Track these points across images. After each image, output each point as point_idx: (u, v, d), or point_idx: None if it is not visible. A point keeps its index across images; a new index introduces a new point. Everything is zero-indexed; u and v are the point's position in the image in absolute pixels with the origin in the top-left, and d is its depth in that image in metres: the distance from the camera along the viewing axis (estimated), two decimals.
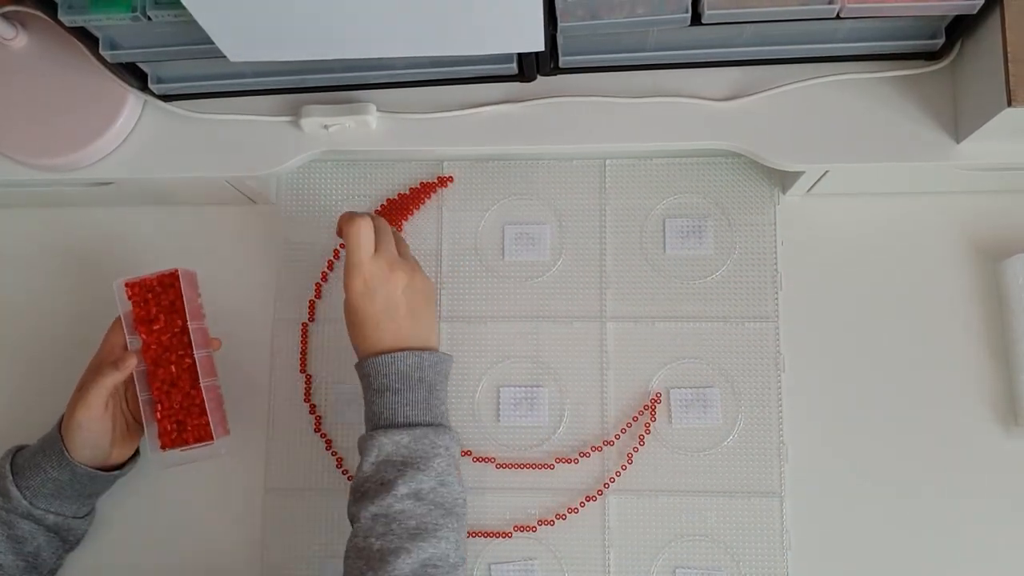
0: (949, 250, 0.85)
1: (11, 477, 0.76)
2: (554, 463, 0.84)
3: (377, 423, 0.72)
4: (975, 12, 0.67)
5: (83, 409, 0.75)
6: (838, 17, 0.67)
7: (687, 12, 0.67)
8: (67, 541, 0.80)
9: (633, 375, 0.85)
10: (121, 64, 0.73)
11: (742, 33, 0.72)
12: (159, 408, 0.79)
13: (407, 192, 0.89)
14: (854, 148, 0.75)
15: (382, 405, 0.72)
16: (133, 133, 0.79)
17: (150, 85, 0.76)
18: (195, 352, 0.79)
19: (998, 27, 0.66)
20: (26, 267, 0.91)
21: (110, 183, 0.82)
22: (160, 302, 0.80)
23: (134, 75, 0.75)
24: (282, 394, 0.87)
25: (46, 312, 0.90)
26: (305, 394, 0.86)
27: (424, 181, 0.89)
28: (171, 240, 0.90)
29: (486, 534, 0.83)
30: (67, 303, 0.90)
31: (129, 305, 0.79)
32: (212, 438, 0.79)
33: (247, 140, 0.78)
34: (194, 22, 0.64)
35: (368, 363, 0.73)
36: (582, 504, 0.83)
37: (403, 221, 0.88)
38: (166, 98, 0.78)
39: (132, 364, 0.77)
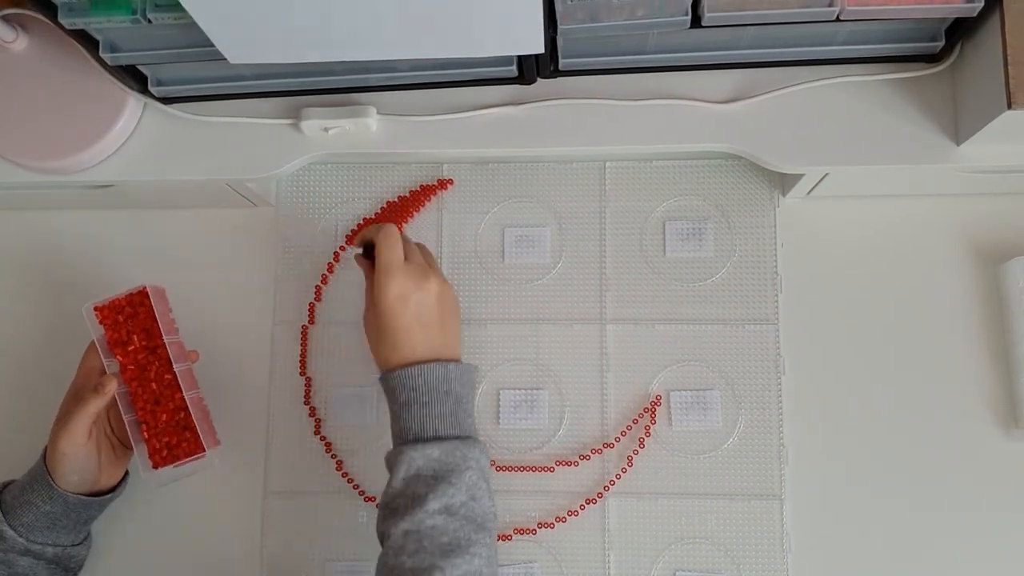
0: (949, 253, 0.85)
1: (2, 517, 0.75)
2: (554, 466, 0.84)
3: (406, 437, 0.70)
4: (975, 15, 0.67)
5: (66, 439, 0.74)
6: (838, 20, 0.67)
7: (687, 14, 0.67)
8: (69, 569, 0.80)
9: (633, 378, 0.85)
10: (121, 67, 0.73)
11: (742, 35, 0.72)
12: (145, 427, 0.78)
13: (407, 195, 0.89)
14: (854, 150, 0.75)
15: (410, 419, 0.70)
16: (133, 136, 0.79)
17: (150, 87, 0.76)
18: (175, 366, 0.78)
19: (998, 30, 0.66)
20: (24, 270, 0.91)
21: (110, 186, 0.82)
22: (132, 322, 0.79)
23: (134, 77, 0.75)
24: (282, 397, 0.87)
25: (44, 315, 0.90)
26: (305, 396, 0.86)
27: (424, 184, 0.89)
28: (171, 243, 0.90)
29: None
30: (66, 307, 0.90)
31: (101, 329, 0.79)
32: (203, 450, 0.79)
33: (247, 143, 0.78)
34: (194, 24, 0.64)
35: (395, 375, 0.71)
36: (582, 507, 0.83)
37: (403, 224, 0.88)
38: (166, 100, 0.78)
39: (113, 388, 0.76)
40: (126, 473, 0.82)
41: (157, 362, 0.79)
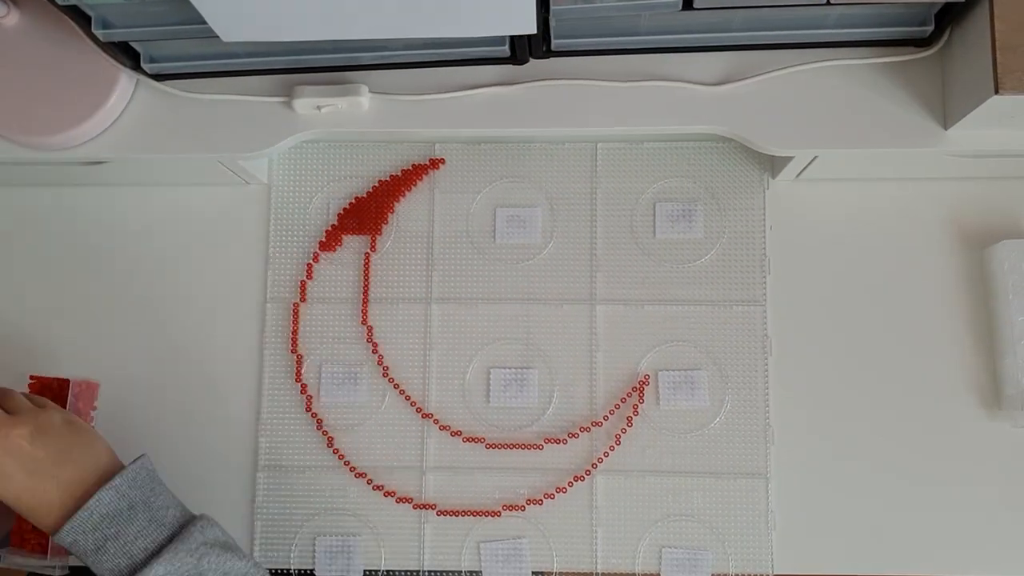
0: (936, 236, 0.86)
1: None
2: (543, 444, 0.85)
3: (126, 574, 0.64)
4: (964, 0, 0.67)
5: None
6: (828, 3, 0.68)
7: None
8: None
9: (622, 357, 0.86)
10: (113, 43, 0.73)
11: (733, 18, 0.72)
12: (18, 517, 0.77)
13: (399, 174, 0.89)
14: (843, 134, 0.75)
15: (111, 559, 0.64)
16: (125, 112, 0.79)
17: (142, 64, 0.76)
18: None
19: (987, 15, 0.67)
20: (14, 247, 0.91)
21: (102, 162, 0.82)
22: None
23: (126, 54, 0.75)
24: (273, 374, 0.87)
25: (37, 290, 0.90)
26: (296, 374, 0.87)
27: (416, 163, 0.89)
28: (162, 220, 0.90)
29: (475, 513, 0.84)
30: (54, 284, 0.90)
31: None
32: (46, 553, 0.76)
33: (239, 120, 0.78)
34: (187, 1, 0.64)
35: (65, 532, 0.64)
36: (570, 484, 0.84)
37: (394, 203, 0.89)
38: (158, 77, 0.78)
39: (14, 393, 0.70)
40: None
41: None
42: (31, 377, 0.80)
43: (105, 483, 0.65)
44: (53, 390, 0.80)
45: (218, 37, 0.68)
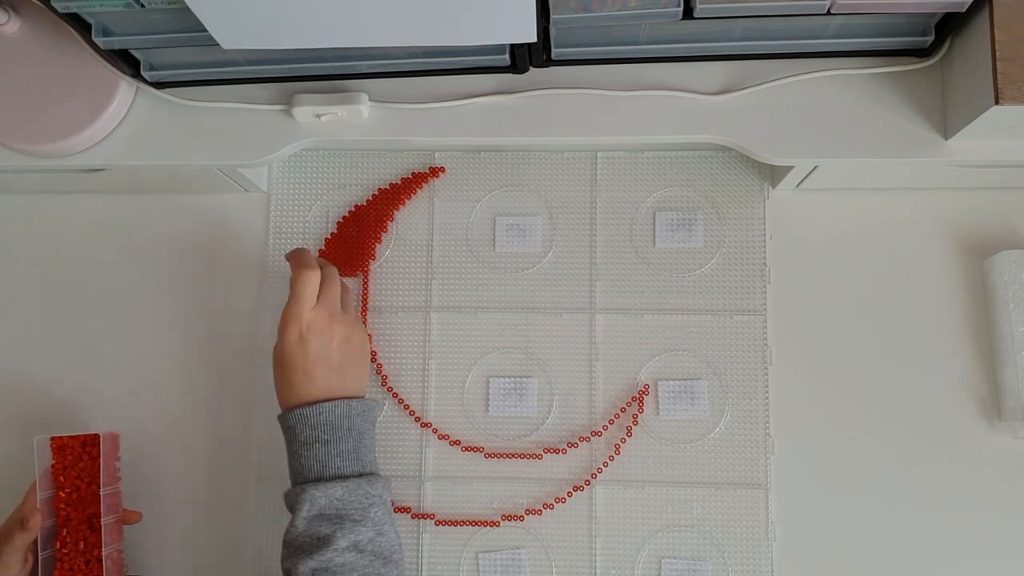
0: (936, 246, 0.86)
1: None
2: (542, 453, 0.84)
3: (308, 476, 0.72)
4: (964, 10, 0.67)
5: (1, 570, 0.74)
6: (829, 13, 0.68)
7: (679, 6, 0.67)
8: None
9: (621, 367, 0.85)
10: (114, 51, 0.73)
11: (733, 28, 0.72)
12: (58, 568, 0.78)
13: (399, 182, 0.89)
14: (843, 143, 0.75)
15: (311, 457, 0.72)
16: (125, 120, 0.79)
17: (142, 72, 0.76)
18: (103, 519, 0.78)
19: (987, 25, 0.67)
20: (13, 254, 0.91)
21: (101, 170, 0.82)
22: (79, 463, 0.79)
23: (127, 62, 0.75)
24: (270, 383, 0.87)
25: (38, 298, 0.90)
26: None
27: (416, 171, 0.89)
28: (162, 227, 0.90)
29: (474, 523, 0.84)
30: (53, 291, 0.90)
31: (49, 462, 0.79)
32: None
33: (239, 128, 0.78)
34: (187, 9, 0.64)
35: (293, 414, 0.73)
36: (569, 494, 0.84)
37: (394, 211, 0.89)
38: (158, 85, 0.78)
39: (38, 524, 0.75)
40: None
41: (92, 506, 0.79)
42: (53, 440, 0.79)
43: (345, 399, 0.74)
44: (81, 448, 0.80)
45: (218, 45, 0.69)
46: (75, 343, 0.88)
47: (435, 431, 0.85)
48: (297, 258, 0.75)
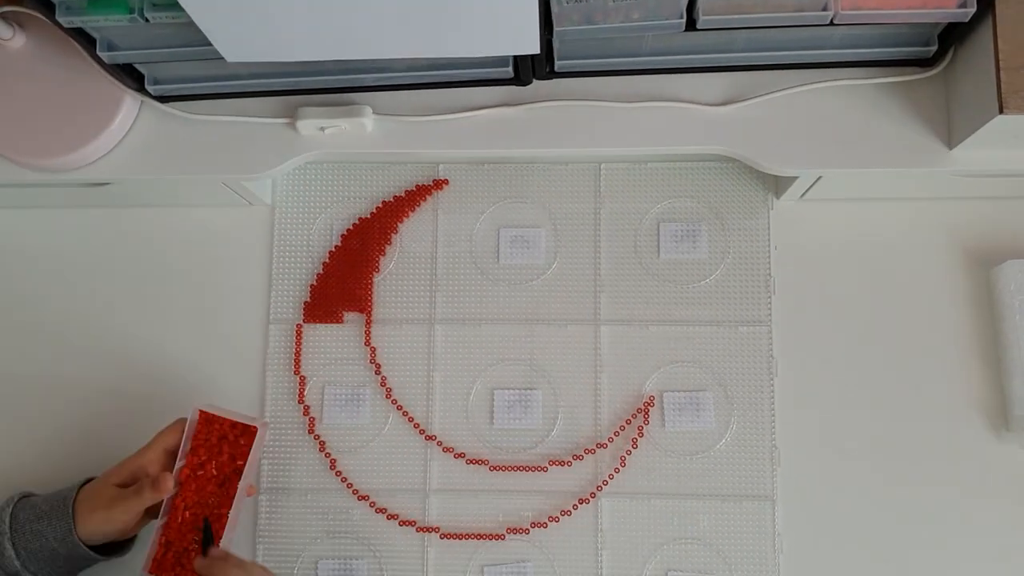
0: (941, 256, 0.86)
1: (9, 534, 0.73)
2: (547, 466, 0.84)
3: None
4: (967, 20, 0.67)
5: (108, 524, 0.74)
6: (832, 24, 0.68)
7: (682, 17, 0.67)
8: None
9: (626, 378, 0.85)
10: (118, 65, 0.73)
11: (736, 39, 0.72)
12: (164, 536, 0.77)
13: (402, 195, 0.89)
14: (847, 154, 0.75)
15: None
16: (130, 134, 0.79)
17: (147, 86, 0.76)
18: (232, 509, 0.77)
19: (990, 35, 0.67)
20: (20, 268, 0.91)
21: (106, 184, 0.82)
22: (224, 446, 0.78)
23: (131, 76, 0.75)
24: (276, 395, 0.87)
25: (45, 313, 0.90)
26: (299, 395, 0.87)
27: (420, 184, 0.89)
28: (167, 241, 0.90)
29: (479, 536, 0.83)
30: (61, 306, 0.90)
31: (194, 431, 0.78)
32: None
33: (243, 142, 0.79)
34: (191, 23, 0.64)
35: None
36: (575, 507, 0.83)
37: (398, 224, 0.89)
38: (163, 99, 0.78)
39: (169, 489, 0.74)
40: (134, 536, 0.80)
41: (215, 491, 0.78)
42: (202, 412, 0.77)
43: None
44: (232, 430, 0.78)
45: (222, 58, 0.69)
46: (77, 352, 0.88)
47: (440, 444, 0.85)
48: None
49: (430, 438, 0.85)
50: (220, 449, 0.78)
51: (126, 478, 0.76)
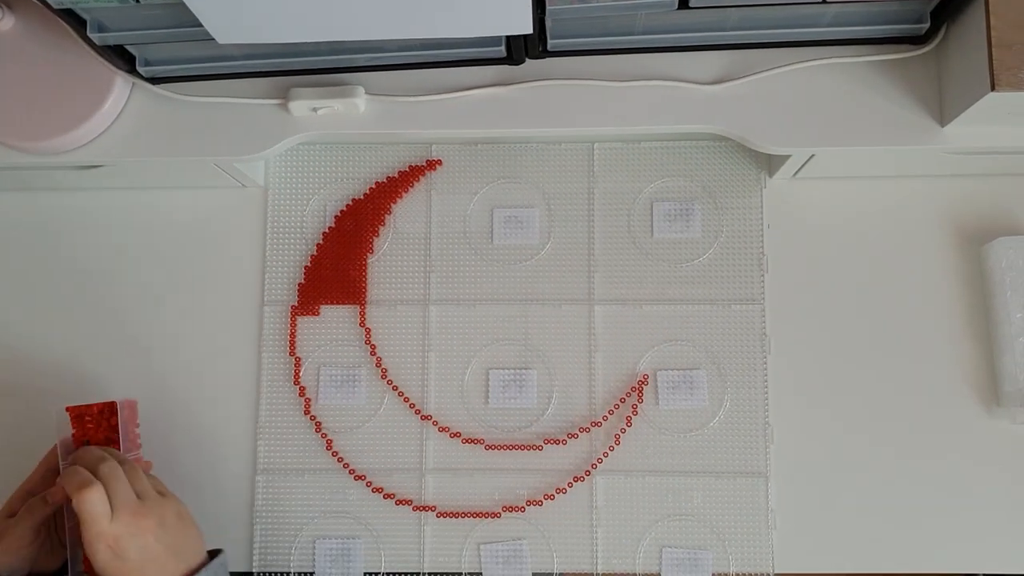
0: (933, 233, 0.86)
1: None
2: (542, 444, 0.85)
3: None
4: None
5: (6, 555, 0.71)
6: (824, 1, 0.68)
7: None
8: None
9: (620, 357, 0.86)
10: (109, 46, 0.73)
11: (729, 17, 0.72)
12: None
13: (396, 175, 0.89)
14: (840, 132, 0.75)
15: None
16: (121, 116, 0.79)
17: (138, 68, 0.76)
18: None
19: (982, 11, 0.67)
20: (11, 251, 0.91)
21: (98, 166, 0.81)
22: (100, 431, 0.78)
23: (122, 57, 0.75)
24: (271, 377, 0.87)
25: (35, 294, 0.90)
26: (294, 376, 0.87)
27: (413, 164, 0.89)
28: (159, 223, 0.90)
29: (475, 515, 0.84)
30: (52, 289, 0.90)
31: (70, 431, 0.78)
32: None
33: (235, 123, 0.78)
34: (182, 4, 0.63)
35: None
36: (570, 485, 0.84)
37: (392, 205, 0.89)
38: (154, 81, 0.78)
39: (61, 498, 0.72)
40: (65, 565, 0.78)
41: None
42: (69, 409, 0.78)
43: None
44: (99, 416, 0.79)
45: (213, 39, 0.68)
46: (70, 337, 0.88)
47: (435, 424, 0.86)
48: (70, 480, 0.69)
49: (426, 418, 0.86)
50: (105, 437, 0.78)
51: (15, 508, 0.74)
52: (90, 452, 0.73)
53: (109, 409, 0.79)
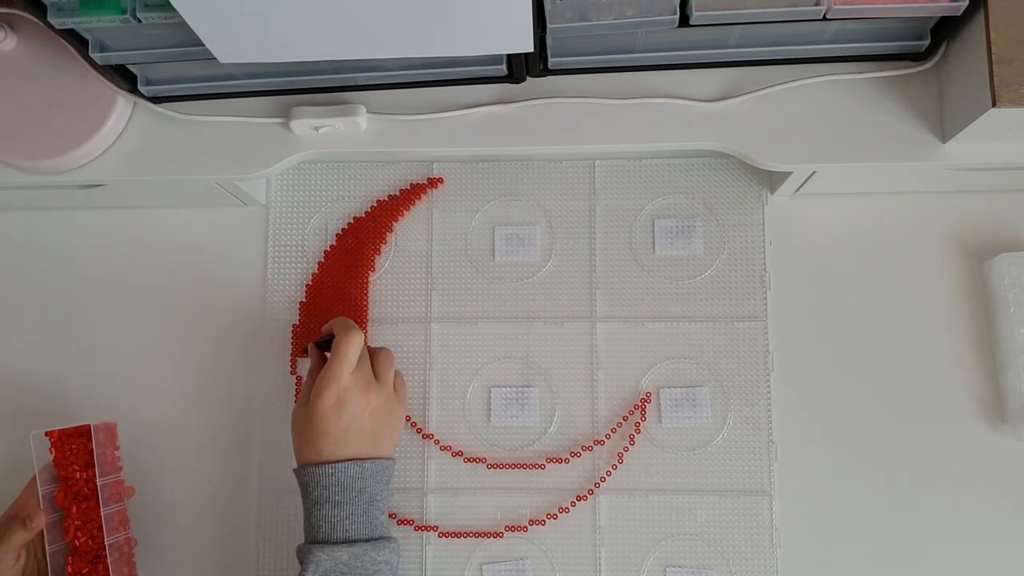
0: (935, 249, 0.86)
1: None
2: (545, 463, 0.84)
3: (316, 536, 0.71)
4: (960, 13, 0.67)
5: None
6: (825, 19, 0.68)
7: (675, 13, 0.67)
8: None
9: (623, 375, 0.85)
10: (110, 66, 0.73)
11: (730, 34, 0.72)
12: (71, 561, 0.78)
13: (397, 193, 0.89)
14: (841, 148, 0.75)
15: (320, 517, 0.71)
16: (123, 135, 0.79)
17: (140, 87, 0.76)
18: (102, 509, 0.78)
19: (983, 28, 0.67)
20: (12, 271, 0.91)
21: (100, 186, 0.82)
22: (78, 454, 0.79)
23: (124, 77, 0.75)
24: (272, 395, 0.87)
25: (35, 316, 0.90)
26: (295, 396, 0.86)
27: (414, 182, 0.89)
28: (161, 242, 0.90)
29: (477, 534, 0.83)
30: (54, 309, 0.90)
31: (49, 456, 0.78)
32: None
33: (237, 142, 0.78)
34: (184, 24, 0.64)
35: (308, 471, 0.72)
36: (573, 504, 0.83)
37: (393, 223, 0.89)
38: (156, 100, 0.78)
39: (40, 523, 0.75)
40: None
41: (95, 498, 0.79)
42: (49, 434, 0.78)
43: (359, 460, 0.73)
44: (74, 438, 0.80)
45: (215, 59, 0.69)
46: (74, 356, 0.88)
47: (437, 442, 0.85)
48: (341, 322, 0.76)
49: (427, 436, 0.85)
50: (85, 461, 0.79)
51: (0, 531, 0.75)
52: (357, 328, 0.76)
53: (86, 432, 0.79)
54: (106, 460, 0.80)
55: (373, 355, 0.78)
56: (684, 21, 0.68)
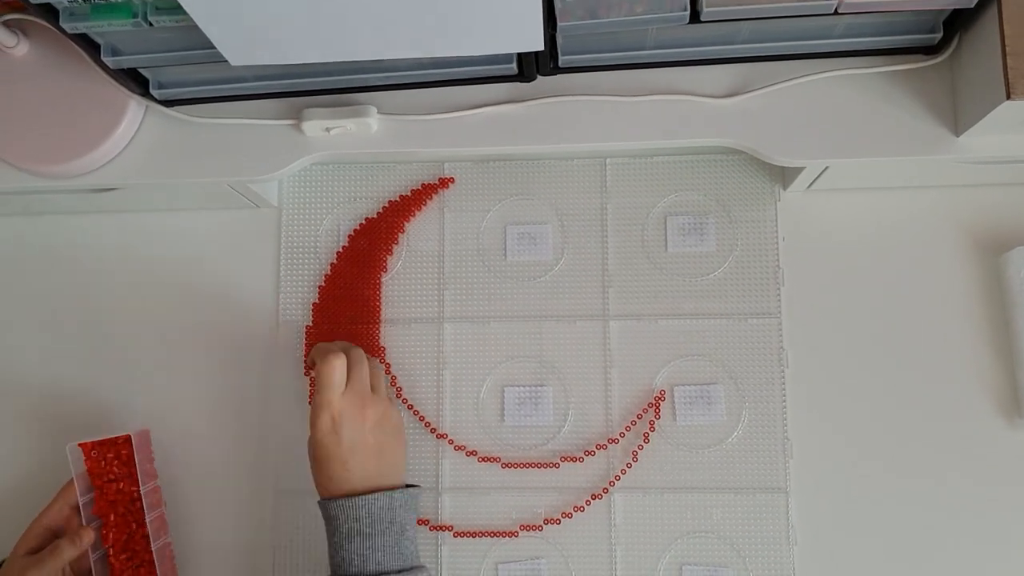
0: (950, 244, 0.86)
1: None
2: (559, 462, 0.84)
3: (348, 570, 0.70)
4: (972, 6, 0.67)
5: None
6: (836, 13, 0.67)
7: (686, 10, 0.67)
8: None
9: (637, 373, 0.85)
10: (122, 70, 0.73)
11: (741, 30, 0.72)
12: (113, 570, 0.79)
13: (409, 194, 0.89)
14: (854, 143, 0.75)
15: (351, 551, 0.70)
16: (135, 139, 0.79)
17: (151, 91, 0.76)
18: (147, 516, 0.79)
19: (996, 21, 0.66)
20: (28, 275, 0.91)
21: (112, 189, 0.82)
22: (115, 465, 0.80)
23: (136, 81, 0.75)
24: (287, 397, 0.87)
25: (49, 319, 0.90)
26: (310, 397, 0.87)
27: (425, 183, 0.89)
28: (174, 245, 0.90)
29: (492, 534, 0.83)
30: (69, 312, 0.90)
31: (84, 467, 0.79)
32: None
33: (249, 144, 0.79)
34: (195, 27, 0.64)
35: (335, 504, 0.71)
36: (588, 502, 0.83)
37: (405, 223, 0.89)
38: (168, 103, 0.78)
39: (90, 540, 0.75)
40: None
41: (132, 507, 0.80)
42: (83, 445, 0.79)
43: (387, 491, 0.72)
44: (108, 447, 0.80)
45: (226, 61, 0.69)
46: (87, 361, 0.89)
47: (451, 442, 0.85)
48: (320, 349, 0.75)
49: (441, 436, 0.85)
50: (118, 471, 0.80)
51: (34, 544, 0.75)
52: (340, 342, 0.77)
53: (123, 441, 0.80)
54: (145, 468, 0.81)
55: (361, 370, 0.75)
56: (695, 17, 0.68)
